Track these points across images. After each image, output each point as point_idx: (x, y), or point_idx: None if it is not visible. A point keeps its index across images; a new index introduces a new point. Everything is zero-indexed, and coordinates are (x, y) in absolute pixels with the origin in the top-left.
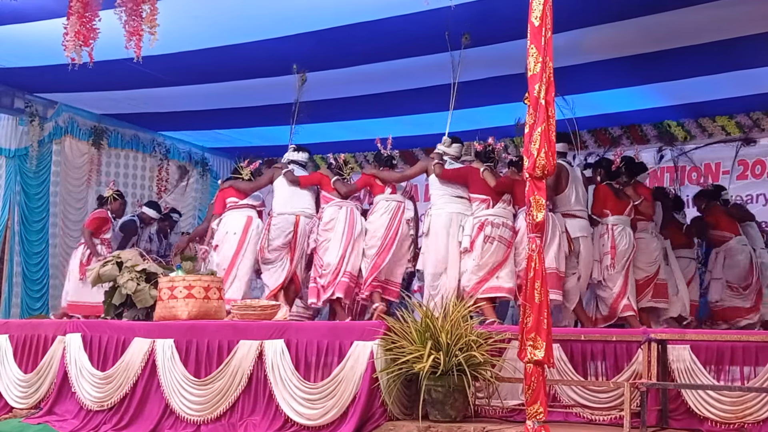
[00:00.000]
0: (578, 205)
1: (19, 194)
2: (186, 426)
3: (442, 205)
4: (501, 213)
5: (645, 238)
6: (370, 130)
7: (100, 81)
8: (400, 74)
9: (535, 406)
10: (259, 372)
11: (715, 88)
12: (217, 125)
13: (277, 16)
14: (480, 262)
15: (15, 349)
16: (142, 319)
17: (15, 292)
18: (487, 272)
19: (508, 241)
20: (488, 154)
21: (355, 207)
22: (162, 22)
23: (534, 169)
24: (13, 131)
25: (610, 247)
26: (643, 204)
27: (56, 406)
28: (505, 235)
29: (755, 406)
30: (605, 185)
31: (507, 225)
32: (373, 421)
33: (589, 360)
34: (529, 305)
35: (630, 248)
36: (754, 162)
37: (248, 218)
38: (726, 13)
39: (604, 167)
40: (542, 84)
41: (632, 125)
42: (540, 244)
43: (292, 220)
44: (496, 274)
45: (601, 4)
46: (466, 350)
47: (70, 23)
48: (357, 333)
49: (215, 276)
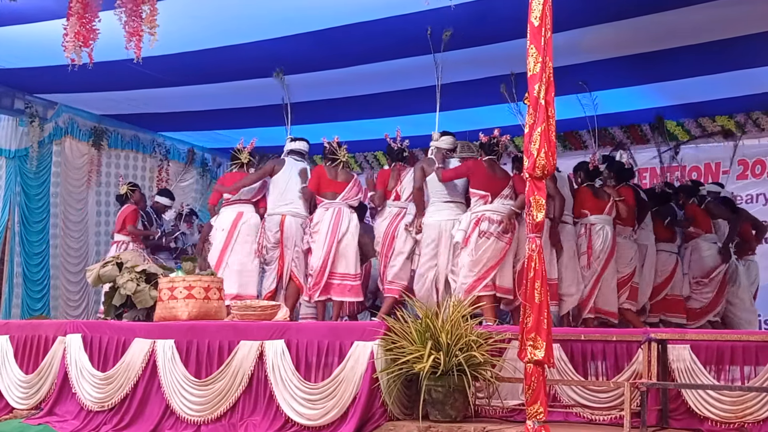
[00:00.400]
0: (565, 210)
1: (20, 195)
2: (186, 426)
3: (432, 212)
4: (500, 209)
5: (620, 242)
6: (370, 130)
7: (100, 82)
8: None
9: (536, 406)
10: (260, 372)
11: (715, 88)
12: (217, 125)
13: (277, 16)
14: (474, 257)
15: (16, 349)
16: (143, 319)
17: (15, 293)
18: (483, 268)
19: (508, 238)
20: (492, 147)
21: (344, 206)
22: (162, 23)
23: (534, 169)
24: (13, 132)
25: (587, 247)
26: (622, 205)
27: (57, 406)
28: (503, 231)
29: (755, 405)
30: (585, 186)
31: (506, 222)
32: (374, 422)
33: (589, 360)
34: (529, 305)
35: (606, 247)
36: (754, 162)
37: (238, 213)
38: (725, 12)
39: (584, 170)
40: (542, 84)
41: (632, 125)
42: (540, 244)
43: (278, 220)
44: (493, 273)
45: (601, 3)
46: (467, 350)
47: (70, 24)
48: (357, 333)
49: (215, 276)
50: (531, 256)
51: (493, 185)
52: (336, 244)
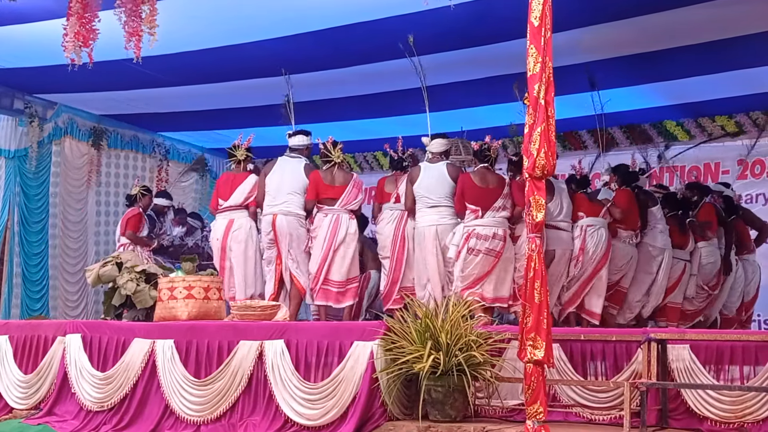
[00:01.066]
0: (561, 216)
1: (19, 195)
2: (186, 426)
3: (419, 217)
4: (490, 222)
5: (616, 245)
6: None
7: (100, 82)
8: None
9: (535, 405)
10: (259, 372)
11: (715, 88)
12: (217, 125)
13: (277, 16)
14: (463, 273)
15: (15, 349)
16: (142, 319)
17: (15, 293)
18: (471, 282)
19: (497, 252)
20: (483, 153)
21: (342, 213)
22: (161, 23)
23: (534, 169)
24: (13, 132)
25: (579, 249)
26: (612, 208)
27: (56, 406)
28: (492, 246)
29: (755, 405)
30: (580, 193)
31: (497, 236)
32: (373, 421)
33: (588, 360)
34: (528, 305)
35: (599, 250)
36: (753, 162)
37: (229, 221)
38: (725, 12)
39: (576, 180)
40: (542, 84)
41: (632, 125)
42: (540, 243)
43: (270, 220)
44: (479, 284)
45: (601, 3)
46: (466, 350)
47: (70, 24)
48: (357, 333)
49: (215, 276)
50: (531, 256)
51: (483, 199)
52: (332, 253)
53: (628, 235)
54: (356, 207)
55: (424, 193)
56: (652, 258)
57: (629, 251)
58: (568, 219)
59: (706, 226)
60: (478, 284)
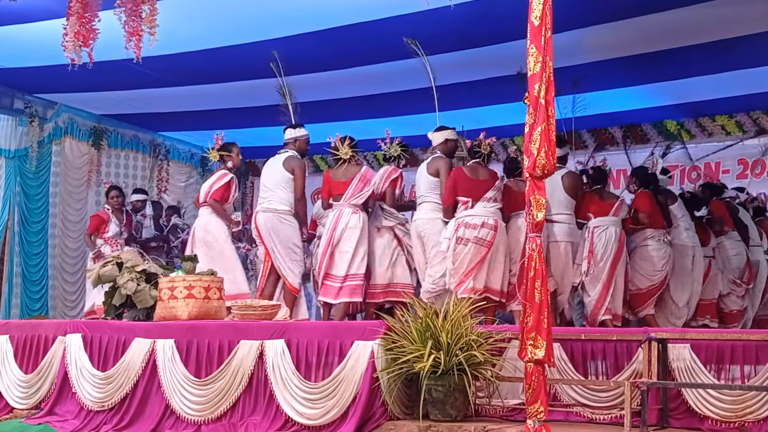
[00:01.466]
0: (556, 209)
1: (19, 195)
2: (186, 426)
3: (416, 214)
4: (480, 212)
5: (650, 245)
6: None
7: (100, 81)
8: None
9: (536, 405)
10: (260, 372)
11: (715, 88)
12: (217, 125)
13: (277, 16)
14: (455, 264)
15: (15, 349)
16: (143, 319)
17: (15, 293)
18: (462, 274)
19: (487, 242)
20: (474, 149)
21: (346, 207)
22: (161, 23)
23: (534, 168)
24: (13, 132)
25: (588, 251)
26: (636, 212)
27: (57, 406)
28: (482, 235)
29: (756, 404)
30: (589, 193)
31: (487, 224)
32: (374, 421)
33: (589, 359)
34: (529, 305)
35: (610, 250)
36: (753, 162)
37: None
38: (725, 12)
39: (589, 175)
40: (542, 84)
41: (632, 125)
42: (540, 243)
43: (254, 218)
44: (470, 276)
45: (601, 4)
46: (467, 350)
47: (70, 24)
48: (357, 333)
49: (215, 276)
50: (531, 255)
51: (474, 190)
52: (331, 248)
53: (659, 234)
54: (360, 201)
55: (421, 190)
56: (686, 256)
57: (666, 250)
58: (565, 210)
59: (722, 221)
60: (469, 277)
